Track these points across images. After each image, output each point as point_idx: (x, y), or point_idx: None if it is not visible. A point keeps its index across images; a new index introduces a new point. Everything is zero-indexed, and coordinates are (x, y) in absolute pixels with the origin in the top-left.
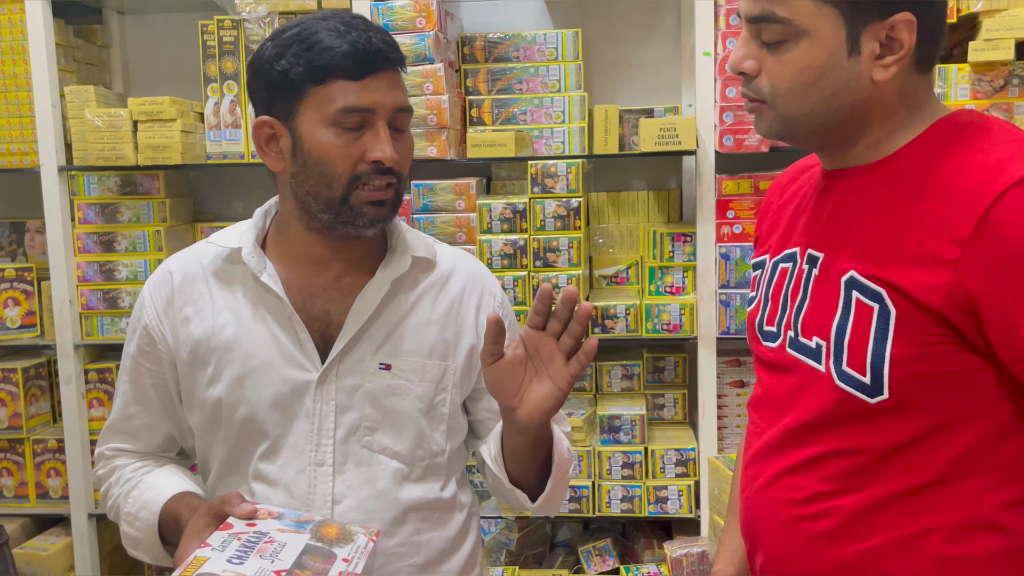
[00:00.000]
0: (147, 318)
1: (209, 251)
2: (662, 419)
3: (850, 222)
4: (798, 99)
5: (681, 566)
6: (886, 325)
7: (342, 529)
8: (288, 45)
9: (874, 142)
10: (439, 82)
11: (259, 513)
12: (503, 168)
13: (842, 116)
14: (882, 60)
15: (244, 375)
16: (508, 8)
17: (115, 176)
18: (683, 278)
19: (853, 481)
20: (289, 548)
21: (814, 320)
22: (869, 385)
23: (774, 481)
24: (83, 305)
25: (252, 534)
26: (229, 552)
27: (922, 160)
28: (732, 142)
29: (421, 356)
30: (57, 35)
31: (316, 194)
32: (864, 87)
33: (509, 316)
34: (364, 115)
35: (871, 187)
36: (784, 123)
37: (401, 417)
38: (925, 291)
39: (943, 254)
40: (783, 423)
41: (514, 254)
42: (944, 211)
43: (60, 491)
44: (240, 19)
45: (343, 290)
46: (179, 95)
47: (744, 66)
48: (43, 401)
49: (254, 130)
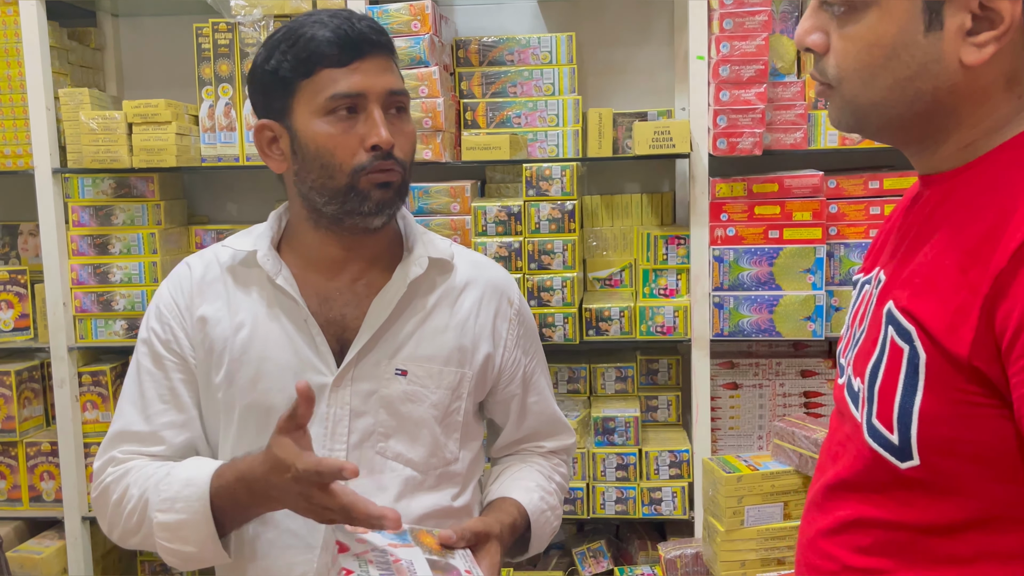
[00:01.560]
0: (169, 314)
1: (225, 254)
2: (656, 421)
3: (916, 239)
4: (864, 84)
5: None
6: (916, 373)
7: (432, 536)
8: (276, 45)
9: (967, 143)
10: (434, 85)
11: (357, 531)
12: (497, 171)
13: (920, 108)
14: (975, 37)
15: (259, 377)
16: (502, 12)
17: (109, 179)
18: (677, 280)
19: (886, 560)
20: (418, 565)
21: (860, 357)
22: (897, 446)
23: (812, 542)
24: (77, 308)
25: (374, 553)
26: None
27: (1002, 165)
28: (726, 145)
29: (438, 363)
30: (51, 37)
31: (320, 187)
32: (949, 72)
33: (527, 323)
34: (355, 100)
35: (947, 197)
36: (853, 113)
37: (416, 424)
38: (951, 333)
39: (979, 287)
40: (826, 477)
41: (509, 256)
42: (997, 233)
43: (53, 494)
44: (235, 22)
45: (359, 293)
46: (173, 98)
47: (809, 41)
48: (36, 404)
49: (255, 136)
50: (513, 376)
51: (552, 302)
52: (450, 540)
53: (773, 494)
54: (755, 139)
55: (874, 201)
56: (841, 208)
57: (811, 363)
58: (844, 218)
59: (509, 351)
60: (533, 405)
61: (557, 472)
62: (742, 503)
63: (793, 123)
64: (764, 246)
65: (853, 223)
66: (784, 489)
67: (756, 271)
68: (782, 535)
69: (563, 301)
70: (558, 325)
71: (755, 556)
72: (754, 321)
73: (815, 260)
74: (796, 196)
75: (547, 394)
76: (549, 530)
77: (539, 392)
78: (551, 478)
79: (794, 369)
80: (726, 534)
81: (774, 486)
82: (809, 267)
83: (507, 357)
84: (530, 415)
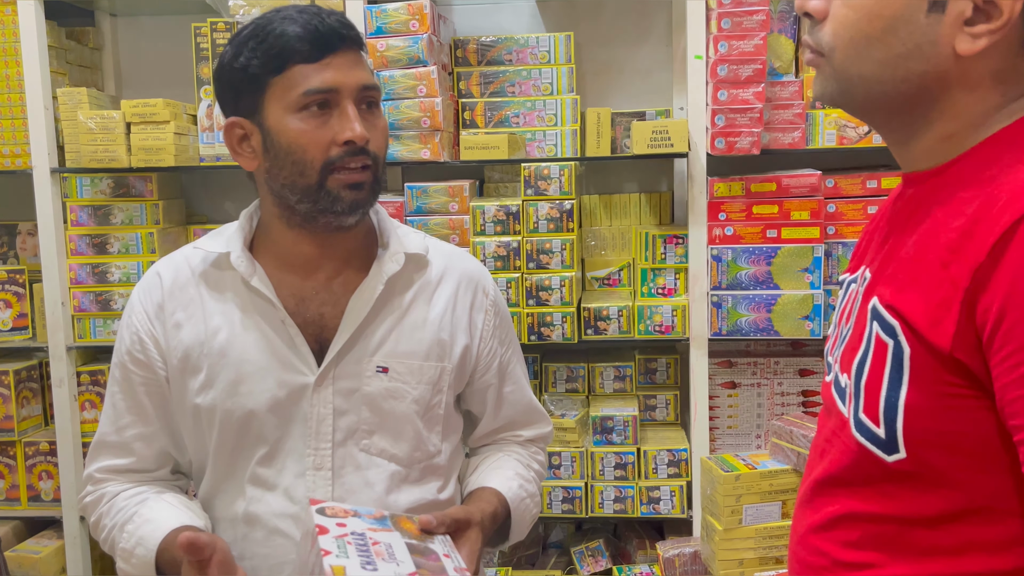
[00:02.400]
0: (138, 323)
1: (197, 256)
2: (654, 420)
3: (899, 236)
4: (857, 54)
5: (674, 566)
6: (900, 367)
7: (412, 522)
8: (244, 42)
9: (947, 135)
10: (432, 85)
11: (338, 511)
12: (496, 170)
13: (908, 88)
14: (972, 28)
15: (239, 380)
16: (500, 11)
17: (108, 178)
18: (675, 280)
19: (875, 553)
20: (396, 548)
21: (846, 353)
22: (884, 439)
23: (803, 539)
24: (75, 307)
25: (353, 536)
26: (354, 559)
27: (981, 164)
28: (724, 144)
29: (418, 358)
30: (49, 37)
31: (291, 185)
32: (941, 57)
33: (502, 313)
34: (328, 95)
35: (928, 194)
36: (838, 83)
37: (398, 420)
38: (934, 327)
39: (959, 281)
40: (814, 473)
41: (507, 256)
42: (976, 227)
43: (52, 494)
44: (233, 21)
45: (336, 292)
46: (171, 97)
47: (810, 6)
48: (35, 404)
49: (225, 133)
50: (489, 366)
51: (550, 301)
52: (430, 526)
53: (771, 493)
54: (753, 138)
55: (872, 200)
56: (839, 207)
57: (809, 362)
58: (842, 217)
59: (485, 341)
60: (509, 394)
61: (535, 460)
62: (740, 502)
63: (791, 122)
64: (762, 245)
65: (851, 222)
66: (782, 488)
67: (754, 270)
68: (780, 533)
69: (561, 300)
70: (556, 324)
71: (753, 555)
72: (752, 320)
73: (813, 259)
74: (794, 195)
75: (523, 383)
76: (529, 517)
77: (515, 381)
78: (529, 466)
79: (792, 368)
80: (724, 533)
81: (772, 485)
82: (807, 266)
83: (483, 347)
84: (506, 404)
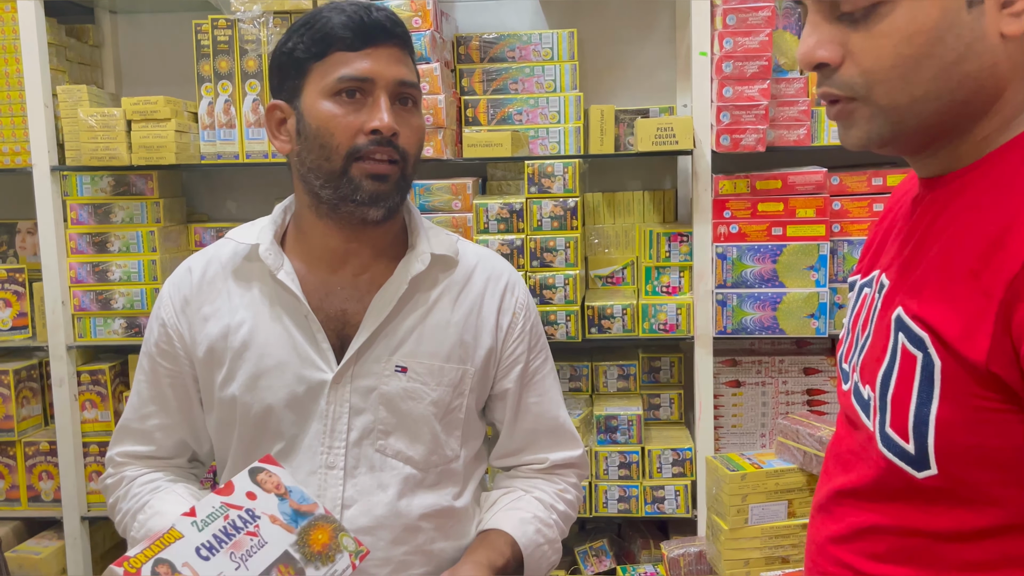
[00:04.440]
0: (165, 316)
1: (229, 248)
2: (658, 419)
3: (921, 242)
4: (906, 81)
5: (678, 566)
6: (931, 380)
7: (333, 539)
8: (296, 30)
9: (984, 136)
10: (435, 82)
11: (267, 483)
12: (499, 168)
13: (963, 95)
14: (1011, 7)
15: (259, 374)
16: (503, 8)
17: (108, 176)
18: (679, 278)
19: (902, 567)
20: (264, 553)
21: (868, 365)
22: (913, 455)
23: (823, 548)
24: (75, 306)
25: (240, 515)
26: (205, 536)
27: (1008, 166)
28: (729, 142)
29: (439, 359)
30: (49, 34)
31: (317, 168)
32: (991, 49)
33: (532, 318)
34: (363, 84)
35: (953, 198)
36: (888, 120)
37: (416, 421)
38: (967, 340)
39: (993, 292)
40: (836, 483)
41: (511, 254)
42: (1009, 236)
43: (52, 494)
44: (234, 18)
45: (361, 289)
46: (171, 95)
47: (819, 55)
48: (35, 403)
49: (265, 116)
50: (510, 370)
51: (554, 300)
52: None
53: (777, 492)
54: (758, 136)
55: (877, 198)
56: (844, 205)
57: (814, 361)
58: (848, 215)
59: (509, 344)
60: (534, 406)
61: (562, 500)
62: (746, 501)
63: (796, 119)
64: (767, 243)
65: (857, 220)
66: (788, 487)
67: (759, 268)
68: (786, 533)
69: (565, 299)
70: (560, 323)
71: (759, 554)
72: (757, 319)
73: (819, 257)
74: (799, 193)
75: (552, 397)
76: (546, 565)
77: (542, 394)
78: (553, 507)
79: (797, 367)
80: (730, 532)
81: (778, 484)
82: (812, 264)
83: (506, 350)
84: (529, 416)
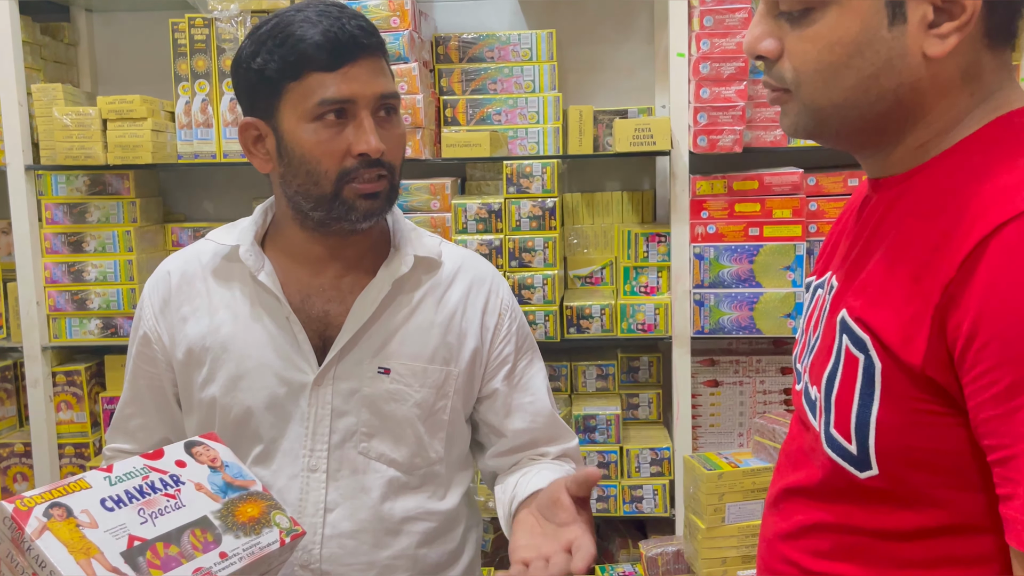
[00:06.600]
0: (144, 319)
1: (208, 249)
2: (637, 418)
3: (867, 245)
4: (826, 85)
5: (656, 565)
6: (872, 383)
7: (264, 514)
8: (263, 42)
9: (920, 144)
10: (413, 82)
11: (201, 456)
12: (478, 168)
13: (883, 107)
14: (937, 29)
15: (239, 376)
16: (482, 8)
17: (84, 176)
18: (657, 278)
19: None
20: (179, 514)
21: (816, 365)
22: (856, 456)
23: (771, 545)
24: (51, 307)
25: (161, 478)
26: (115, 490)
27: (950, 171)
28: (706, 143)
29: (422, 360)
30: (24, 32)
31: (305, 193)
32: (912, 67)
33: (517, 319)
34: (345, 106)
35: (896, 202)
36: (812, 117)
37: (399, 423)
38: (905, 344)
39: (929, 297)
40: (785, 481)
41: (490, 254)
42: (947, 241)
43: None
44: (212, 17)
45: (343, 290)
46: (148, 94)
47: (761, 48)
48: (9, 404)
49: (240, 133)
50: (497, 371)
51: (533, 300)
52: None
53: (754, 491)
54: (735, 136)
55: None
56: (821, 205)
57: (791, 360)
58: (824, 215)
59: (496, 345)
60: (528, 405)
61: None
62: (723, 500)
63: (773, 120)
64: (744, 243)
65: (832, 220)
66: (765, 486)
67: (736, 268)
68: None
69: (544, 299)
70: (539, 323)
71: (736, 553)
72: (735, 318)
73: (795, 257)
74: (776, 193)
75: (542, 395)
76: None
77: (533, 393)
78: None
79: (774, 366)
80: (707, 531)
81: (755, 483)
82: (789, 264)
83: (493, 350)
84: (521, 415)
